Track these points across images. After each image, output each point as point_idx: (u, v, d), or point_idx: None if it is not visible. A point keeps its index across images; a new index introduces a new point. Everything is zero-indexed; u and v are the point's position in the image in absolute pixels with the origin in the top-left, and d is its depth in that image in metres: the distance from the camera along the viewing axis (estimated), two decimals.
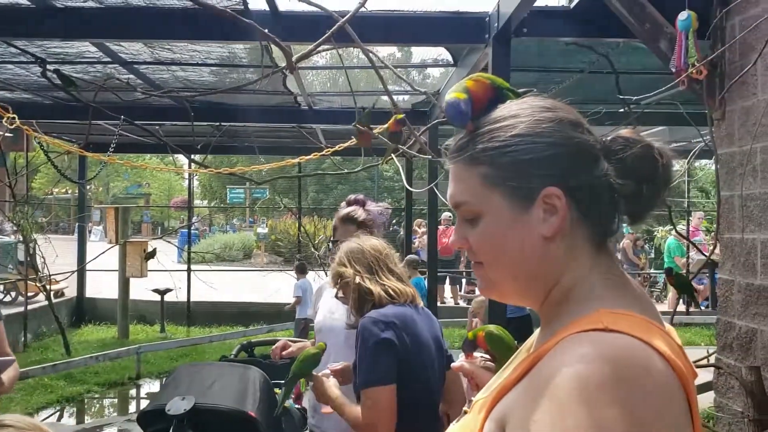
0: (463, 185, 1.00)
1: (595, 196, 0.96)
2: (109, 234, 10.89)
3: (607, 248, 1.00)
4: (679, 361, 0.85)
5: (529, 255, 0.96)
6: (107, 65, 6.09)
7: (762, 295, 3.68)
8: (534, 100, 1.02)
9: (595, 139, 0.99)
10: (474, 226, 1.00)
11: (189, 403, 2.78)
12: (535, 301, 1.01)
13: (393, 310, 2.25)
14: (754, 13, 3.63)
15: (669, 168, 0.97)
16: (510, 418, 0.87)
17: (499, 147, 0.97)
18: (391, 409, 2.09)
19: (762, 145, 3.64)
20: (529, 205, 0.95)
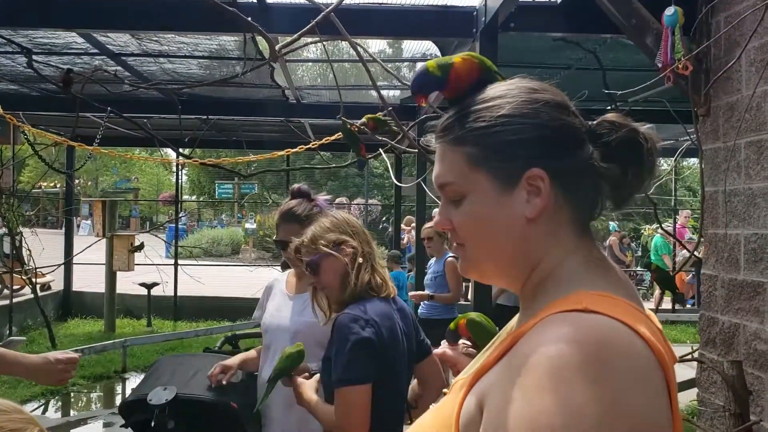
0: (449, 165, 1.00)
1: (579, 179, 0.96)
2: (96, 227, 10.85)
3: (589, 231, 1.01)
4: (659, 344, 0.85)
5: (511, 236, 0.96)
6: (94, 57, 6.06)
7: (744, 290, 3.70)
8: (521, 82, 1.02)
9: (581, 123, 0.99)
10: (458, 207, 1.00)
11: (171, 393, 2.76)
12: (515, 282, 1.01)
13: (373, 306, 2.16)
14: (739, 9, 3.65)
15: (654, 153, 0.97)
16: (488, 397, 0.87)
17: (485, 127, 0.96)
18: (365, 408, 2.04)
19: (746, 141, 3.67)
20: (513, 186, 0.95)
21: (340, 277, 2.21)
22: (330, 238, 2.24)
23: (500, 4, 3.71)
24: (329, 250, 2.22)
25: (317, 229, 2.29)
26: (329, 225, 2.29)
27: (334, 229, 2.27)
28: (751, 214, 3.64)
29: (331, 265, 2.22)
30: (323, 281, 2.26)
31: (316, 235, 2.27)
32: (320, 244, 2.24)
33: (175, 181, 14.86)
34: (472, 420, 0.89)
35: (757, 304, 3.59)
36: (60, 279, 11.56)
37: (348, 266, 2.20)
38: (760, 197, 3.57)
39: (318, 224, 2.30)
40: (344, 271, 2.21)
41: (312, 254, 2.25)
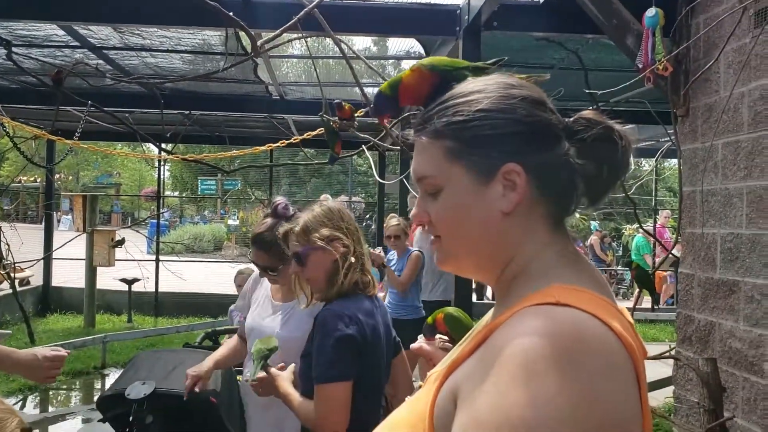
0: (426, 158, 1.01)
1: (554, 174, 0.97)
2: (76, 222, 10.74)
3: (564, 227, 1.02)
4: (630, 338, 0.86)
5: (487, 229, 0.98)
6: (75, 50, 6.00)
7: (720, 288, 3.75)
8: (500, 77, 1.03)
9: (557, 119, 1.00)
10: (435, 200, 1.00)
11: (149, 388, 2.76)
12: (490, 275, 1.02)
13: (358, 303, 2.14)
14: (718, 11, 3.70)
15: (628, 150, 0.98)
16: (461, 390, 0.87)
17: (463, 121, 0.97)
18: (346, 405, 2.03)
19: (723, 141, 3.71)
20: (489, 180, 0.96)
21: (326, 272, 2.17)
22: (323, 232, 2.18)
23: (483, 3, 3.73)
24: (321, 244, 2.16)
25: (311, 220, 2.20)
26: (324, 218, 2.21)
27: (329, 223, 2.20)
28: (728, 214, 3.69)
29: (320, 259, 2.17)
30: (308, 274, 2.21)
31: (309, 227, 2.19)
32: (312, 236, 2.17)
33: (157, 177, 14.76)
34: (446, 412, 0.89)
35: (732, 302, 3.64)
36: (39, 274, 11.44)
37: (338, 263, 2.15)
38: (736, 197, 3.62)
39: (312, 214, 2.22)
40: (331, 268, 2.17)
41: (302, 245, 2.18)
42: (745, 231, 3.55)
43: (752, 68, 3.47)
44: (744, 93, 3.54)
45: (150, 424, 2.78)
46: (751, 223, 3.50)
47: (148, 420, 2.77)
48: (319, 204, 2.30)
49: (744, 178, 3.55)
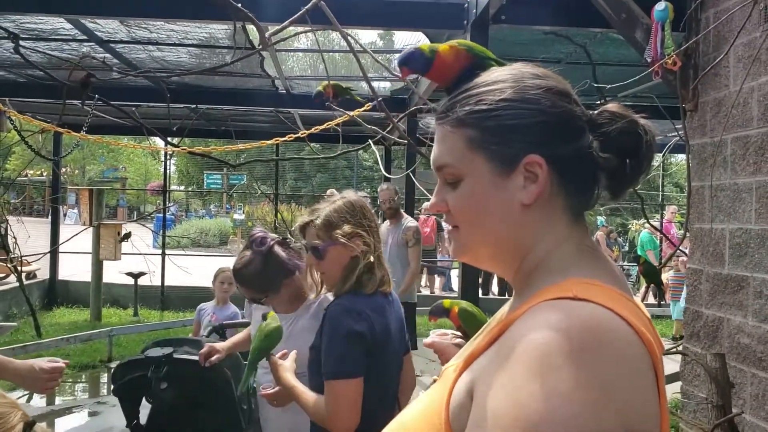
0: (447, 147, 1.00)
1: (576, 167, 0.96)
2: (83, 216, 10.77)
3: (583, 220, 1.01)
4: (648, 333, 0.85)
5: (506, 221, 0.97)
6: (83, 43, 6.01)
7: (729, 284, 3.73)
8: (524, 67, 1.02)
9: (581, 111, 0.98)
10: (454, 189, 0.99)
11: (167, 350, 2.81)
12: (507, 267, 1.02)
13: (368, 299, 2.11)
14: (728, 5, 3.67)
15: (652, 145, 0.97)
16: (478, 383, 0.87)
17: (486, 110, 0.96)
18: (357, 402, 2.00)
19: (732, 136, 3.69)
20: (510, 171, 0.95)
21: (342, 268, 2.14)
22: (345, 229, 2.14)
23: None
24: (343, 241, 2.13)
25: (333, 215, 2.16)
26: (346, 213, 2.17)
27: (351, 219, 2.16)
28: (737, 209, 3.67)
29: (339, 254, 2.14)
30: (324, 268, 2.18)
31: (332, 222, 2.15)
32: (335, 232, 2.13)
33: (163, 171, 14.78)
34: (462, 405, 0.89)
35: (741, 298, 3.62)
36: (46, 267, 11.48)
37: (357, 259, 2.12)
38: (745, 192, 3.60)
39: (334, 208, 2.18)
40: (348, 263, 2.14)
41: (323, 241, 2.15)
42: (754, 226, 3.53)
43: (762, 62, 3.44)
44: (754, 87, 3.52)
45: (164, 390, 2.80)
46: (760, 218, 3.48)
47: (163, 385, 2.79)
48: (341, 197, 2.25)
49: (753, 173, 3.53)
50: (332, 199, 2.24)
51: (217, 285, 5.63)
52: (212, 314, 5.50)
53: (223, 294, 5.60)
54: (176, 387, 2.80)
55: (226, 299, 5.62)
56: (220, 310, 5.55)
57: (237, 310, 5.57)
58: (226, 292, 5.59)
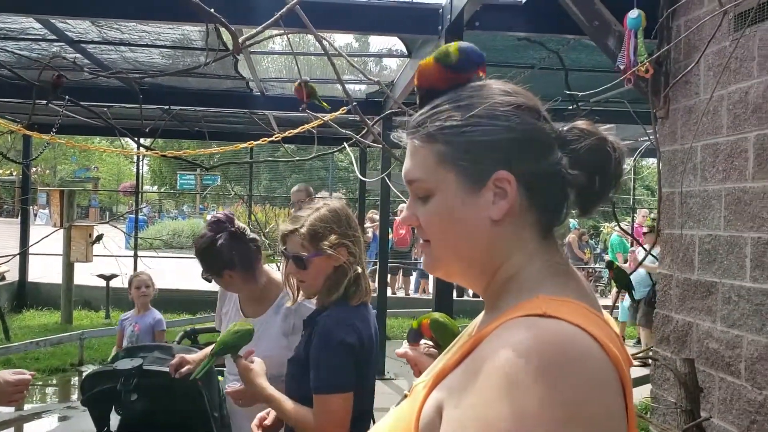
0: (418, 162, 1.00)
1: (545, 184, 0.96)
2: (53, 217, 10.61)
3: (553, 236, 1.01)
4: (615, 349, 0.85)
5: (475, 236, 0.97)
6: (53, 43, 5.91)
7: (698, 289, 3.78)
8: (496, 83, 1.03)
9: (551, 128, 0.99)
10: (425, 204, 1.00)
11: (137, 362, 2.77)
12: (478, 283, 1.02)
13: (357, 311, 2.09)
14: (699, 14, 3.73)
15: (621, 162, 0.98)
16: (447, 402, 0.87)
17: (456, 126, 0.97)
18: (347, 417, 1.97)
19: (702, 144, 3.74)
20: (479, 187, 0.96)
21: (325, 278, 2.10)
22: (332, 239, 2.08)
23: (466, 3, 3.72)
24: (330, 252, 2.07)
25: (318, 225, 2.10)
26: (333, 223, 2.11)
27: (337, 229, 2.10)
28: (706, 216, 3.72)
29: (323, 264, 2.09)
30: (305, 277, 2.13)
31: (318, 232, 2.08)
32: (322, 244, 2.07)
33: (135, 171, 14.63)
34: (432, 423, 0.89)
35: (710, 303, 3.67)
36: (15, 269, 11.30)
37: (343, 268, 2.08)
38: (714, 199, 3.65)
39: (318, 217, 2.11)
40: (331, 273, 2.10)
41: (308, 251, 2.09)
42: (722, 233, 3.58)
43: (732, 71, 3.50)
44: (723, 96, 3.57)
45: (134, 401, 2.76)
46: (728, 225, 3.54)
47: (133, 397, 2.75)
48: (324, 204, 2.19)
49: (722, 181, 3.58)
50: (315, 206, 2.17)
51: (134, 291, 5.44)
52: (134, 324, 5.32)
53: (142, 299, 5.39)
54: (146, 398, 2.76)
55: (146, 304, 5.42)
56: (142, 318, 5.36)
57: (160, 316, 5.43)
58: (145, 296, 5.41)
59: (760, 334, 3.28)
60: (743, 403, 3.38)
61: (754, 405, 3.30)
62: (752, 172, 3.35)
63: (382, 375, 7.60)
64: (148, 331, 5.31)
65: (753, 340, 3.32)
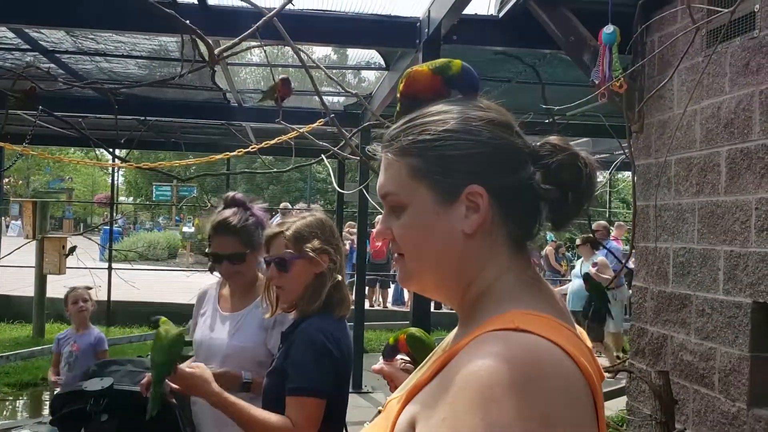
0: (392, 175, 1.01)
1: (518, 198, 0.97)
2: (26, 229, 10.46)
3: (526, 250, 1.02)
4: (587, 362, 0.86)
5: (448, 250, 0.97)
6: (26, 53, 5.85)
7: (673, 302, 3.82)
8: (470, 99, 1.04)
9: (524, 143, 1.00)
10: (399, 217, 1.00)
11: (107, 383, 2.71)
12: (452, 296, 1.03)
13: (335, 321, 2.12)
14: (672, 30, 3.78)
15: (593, 178, 0.99)
16: (420, 417, 0.87)
17: (429, 140, 0.98)
18: (318, 422, 2.00)
19: (676, 158, 3.79)
20: (452, 201, 0.96)
21: (304, 285, 2.13)
22: (315, 243, 2.13)
23: (443, 16, 3.74)
24: (312, 255, 2.11)
25: (303, 228, 2.15)
26: (317, 229, 2.16)
27: (321, 235, 2.15)
28: (680, 229, 3.76)
29: (304, 269, 2.12)
30: (285, 283, 2.15)
31: (302, 235, 2.13)
32: (305, 246, 2.11)
33: (110, 183, 14.48)
34: None
35: (684, 316, 3.71)
36: None
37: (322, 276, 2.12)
38: (688, 212, 3.69)
39: (305, 222, 2.17)
40: (311, 281, 2.13)
41: (291, 252, 2.12)
42: (696, 246, 3.62)
43: (704, 87, 3.55)
44: (697, 110, 3.62)
45: (105, 422, 2.71)
46: (702, 238, 3.58)
47: (103, 418, 2.70)
48: (311, 213, 2.26)
49: (696, 194, 3.63)
50: (302, 215, 2.25)
51: (71, 307, 4.98)
52: (73, 343, 4.87)
53: (80, 314, 4.95)
54: (117, 418, 2.71)
55: (85, 321, 4.99)
56: (81, 337, 4.91)
57: (101, 335, 5.04)
58: (83, 311, 4.96)
59: (732, 346, 3.31)
60: (717, 415, 3.41)
61: (728, 417, 3.33)
62: (724, 186, 3.39)
63: (359, 388, 7.56)
64: (89, 351, 4.85)
65: (726, 352, 3.36)
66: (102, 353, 4.90)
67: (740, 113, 3.28)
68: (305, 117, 6.55)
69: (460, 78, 1.08)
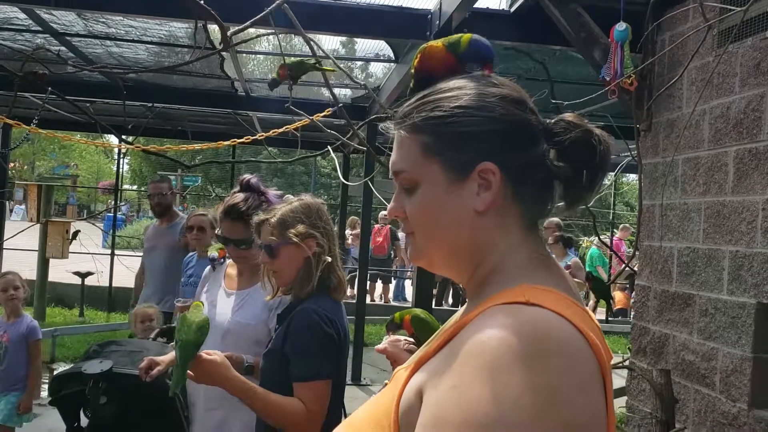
0: (404, 153, 1.00)
1: (531, 176, 0.97)
2: (30, 212, 10.49)
3: (537, 229, 1.02)
4: (596, 339, 0.86)
5: (460, 227, 0.97)
6: (37, 35, 5.85)
7: (676, 301, 3.82)
8: (483, 76, 1.03)
9: (537, 120, 0.99)
10: (410, 195, 1.00)
11: (107, 365, 2.71)
12: (462, 273, 1.02)
13: (331, 303, 2.15)
14: (683, 29, 3.77)
15: (606, 155, 0.98)
16: (428, 385, 0.87)
17: (442, 117, 0.97)
18: (326, 403, 2.04)
19: (684, 157, 3.78)
20: (464, 178, 0.96)
21: (297, 269, 2.15)
22: (299, 228, 2.15)
23: (454, 9, 3.74)
24: (296, 241, 2.13)
25: (288, 214, 2.17)
26: (301, 214, 2.18)
27: (306, 219, 2.17)
28: (685, 228, 3.76)
29: (292, 254, 2.15)
30: (276, 267, 2.18)
31: (286, 221, 2.16)
32: (288, 232, 2.14)
33: (116, 170, 14.51)
34: (412, 407, 0.89)
35: (687, 315, 3.70)
36: None
37: (311, 260, 2.13)
38: (694, 212, 3.69)
39: (290, 208, 2.19)
40: (303, 265, 2.15)
41: (276, 239, 2.15)
42: (701, 245, 3.62)
43: (714, 86, 3.54)
44: (706, 110, 3.61)
45: (104, 405, 2.71)
46: (707, 237, 3.57)
47: (102, 400, 2.70)
48: (297, 198, 2.28)
49: (702, 194, 3.62)
50: (289, 200, 2.28)
51: (0, 295, 4.67)
52: (3, 333, 4.60)
53: (11, 303, 4.65)
54: (116, 401, 2.72)
55: (16, 309, 4.69)
56: (13, 326, 4.63)
57: (34, 323, 4.80)
58: (14, 299, 4.65)
59: (735, 347, 3.31)
60: (717, 415, 3.41)
61: (728, 417, 3.32)
62: (731, 186, 3.39)
63: (359, 381, 7.57)
64: (20, 341, 4.61)
65: (728, 352, 3.35)
66: (34, 344, 4.70)
67: (750, 113, 3.27)
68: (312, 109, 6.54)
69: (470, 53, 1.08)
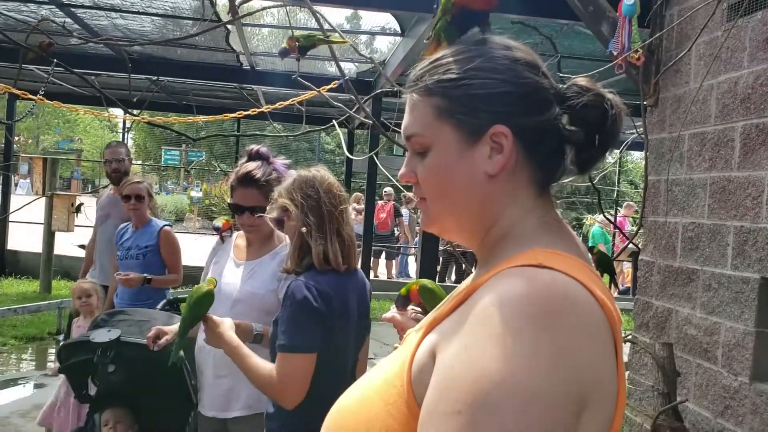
0: (416, 116, 1.00)
1: (543, 140, 0.96)
2: (35, 186, 10.51)
3: (549, 193, 1.01)
4: (608, 302, 0.86)
5: (471, 191, 0.97)
6: (42, 5, 5.83)
7: (679, 277, 3.83)
8: (494, 38, 1.03)
9: (550, 83, 0.98)
10: (422, 159, 0.99)
11: (114, 334, 2.73)
12: (473, 238, 1.02)
13: (328, 278, 2.13)
14: (692, 3, 3.74)
15: (618, 119, 0.97)
16: (440, 345, 0.87)
17: (454, 79, 0.96)
18: (306, 377, 2.03)
19: (690, 132, 3.77)
20: (476, 141, 0.95)
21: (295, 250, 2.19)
22: (280, 201, 2.19)
23: None
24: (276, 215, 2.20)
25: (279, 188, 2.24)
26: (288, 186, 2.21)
27: (286, 194, 2.18)
28: (690, 204, 3.76)
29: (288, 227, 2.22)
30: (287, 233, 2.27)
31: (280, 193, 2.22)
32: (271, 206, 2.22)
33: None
34: (425, 367, 0.89)
35: (690, 290, 3.72)
36: None
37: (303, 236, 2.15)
38: (699, 187, 3.69)
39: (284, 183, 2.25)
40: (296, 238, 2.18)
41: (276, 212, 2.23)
42: (706, 221, 3.62)
43: (722, 61, 3.52)
44: (713, 85, 3.60)
45: (111, 373, 2.74)
46: (712, 213, 3.57)
47: (110, 369, 2.73)
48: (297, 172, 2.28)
49: (708, 169, 3.62)
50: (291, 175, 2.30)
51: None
52: None
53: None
54: (124, 370, 2.74)
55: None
56: None
57: None
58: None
59: (738, 321, 3.33)
60: (718, 389, 3.44)
61: (729, 391, 3.35)
62: (738, 161, 3.38)
63: None
64: None
65: (731, 327, 3.37)
66: None
67: (758, 88, 3.26)
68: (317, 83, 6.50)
69: None
